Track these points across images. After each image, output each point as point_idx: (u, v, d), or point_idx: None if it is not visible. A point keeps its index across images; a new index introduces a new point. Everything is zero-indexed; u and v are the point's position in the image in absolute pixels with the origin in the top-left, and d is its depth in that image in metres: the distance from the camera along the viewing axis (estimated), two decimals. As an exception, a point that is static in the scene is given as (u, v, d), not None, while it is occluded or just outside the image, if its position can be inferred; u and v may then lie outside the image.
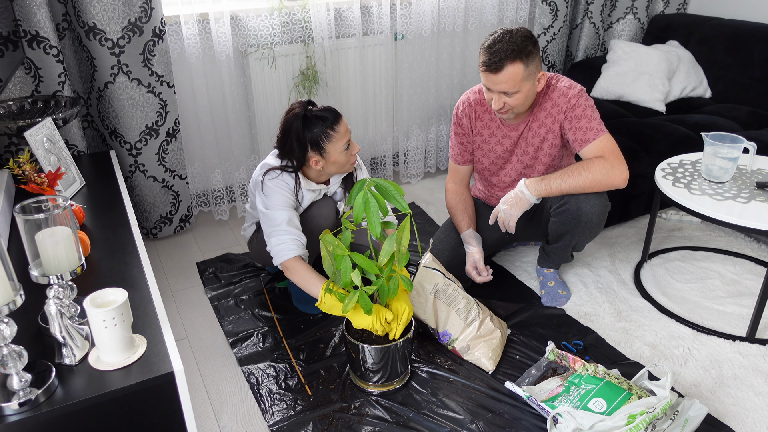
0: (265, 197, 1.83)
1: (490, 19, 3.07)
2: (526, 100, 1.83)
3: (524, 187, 1.87)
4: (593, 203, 1.87)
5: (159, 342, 1.21)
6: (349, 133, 1.84)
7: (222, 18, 2.40)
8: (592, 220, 1.90)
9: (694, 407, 1.51)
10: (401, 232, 1.50)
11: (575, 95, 1.85)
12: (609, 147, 1.84)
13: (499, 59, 1.73)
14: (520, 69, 1.74)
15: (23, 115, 2.03)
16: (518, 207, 1.87)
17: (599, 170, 1.81)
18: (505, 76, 1.75)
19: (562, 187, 1.83)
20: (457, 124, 2.08)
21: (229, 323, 2.03)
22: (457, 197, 2.14)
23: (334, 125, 1.79)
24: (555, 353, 1.76)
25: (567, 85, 1.88)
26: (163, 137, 2.39)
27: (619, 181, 1.82)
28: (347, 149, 1.83)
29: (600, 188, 1.83)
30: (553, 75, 1.92)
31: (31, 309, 1.32)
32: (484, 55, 1.77)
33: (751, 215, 1.78)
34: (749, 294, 2.15)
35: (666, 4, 3.48)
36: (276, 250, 1.79)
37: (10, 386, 1.05)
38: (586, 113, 1.85)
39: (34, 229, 1.10)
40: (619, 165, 1.82)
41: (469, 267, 2.04)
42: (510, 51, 1.73)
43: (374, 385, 1.70)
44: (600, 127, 1.85)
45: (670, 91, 3.01)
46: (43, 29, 2.02)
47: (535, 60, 1.77)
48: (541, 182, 1.85)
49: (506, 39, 1.74)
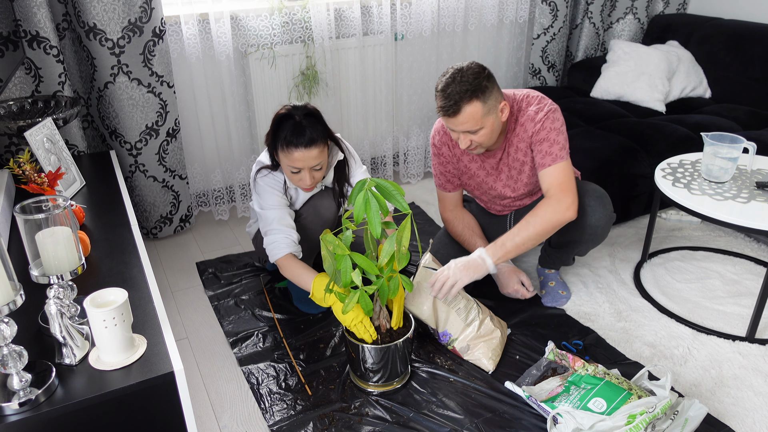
0: (257, 196, 1.88)
1: (490, 19, 3.07)
2: (493, 133, 1.78)
3: (485, 255, 1.77)
4: (599, 216, 1.86)
5: (159, 342, 1.21)
6: (306, 166, 1.76)
7: (222, 18, 2.40)
8: (597, 232, 1.90)
9: (693, 407, 1.51)
10: (401, 232, 1.50)
11: (541, 119, 1.80)
12: (558, 178, 1.78)
13: (455, 102, 1.69)
14: (478, 107, 1.70)
15: (23, 115, 2.03)
16: (471, 274, 1.76)
17: (546, 213, 1.76)
18: (465, 117, 1.71)
19: (517, 243, 1.77)
20: (437, 154, 2.03)
21: (229, 323, 2.03)
22: (459, 224, 2.10)
23: (290, 146, 1.73)
24: (555, 353, 1.76)
25: (535, 109, 1.82)
26: (163, 137, 2.39)
27: (568, 216, 1.77)
28: (297, 173, 1.80)
29: (553, 229, 1.78)
30: (523, 97, 1.85)
31: (31, 309, 1.32)
32: (440, 100, 1.72)
33: (751, 215, 1.78)
34: (749, 294, 2.15)
35: (666, 4, 3.48)
36: (269, 249, 1.84)
37: (10, 386, 1.05)
38: (550, 136, 1.79)
39: (34, 229, 1.10)
40: (564, 198, 1.76)
41: (516, 285, 2.03)
42: (464, 92, 1.68)
43: (374, 385, 1.70)
44: (559, 153, 1.79)
45: (669, 91, 3.01)
46: (44, 29, 2.02)
47: (492, 93, 1.72)
48: (499, 248, 1.78)
49: (458, 79, 1.69)
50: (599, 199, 1.88)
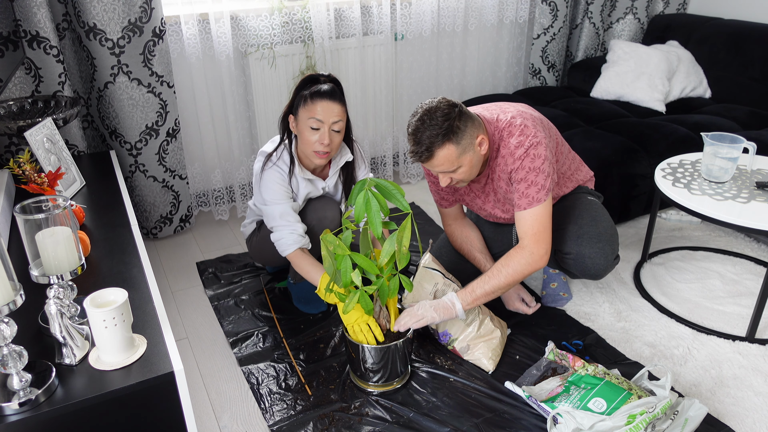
0: (262, 189, 1.86)
1: (490, 19, 3.07)
2: (472, 169, 1.71)
3: (456, 300, 1.72)
4: (599, 264, 1.81)
5: (159, 342, 1.21)
6: (327, 120, 1.75)
7: (222, 18, 2.40)
8: (597, 275, 1.87)
9: (693, 407, 1.51)
10: (402, 232, 1.50)
11: (521, 156, 1.69)
12: (533, 227, 1.71)
13: (427, 148, 1.61)
14: (451, 150, 1.62)
15: (23, 115, 2.03)
16: (440, 314, 1.71)
17: (519, 264, 1.72)
18: (439, 160, 1.64)
19: (487, 290, 1.72)
20: (428, 173, 1.97)
21: (229, 323, 2.03)
22: (459, 237, 2.07)
23: (315, 97, 1.74)
24: (555, 353, 1.76)
25: (515, 143, 1.71)
26: (163, 137, 2.39)
27: (540, 265, 1.73)
28: (315, 130, 1.77)
29: (523, 277, 1.75)
30: (506, 125, 1.73)
31: (31, 309, 1.32)
32: (411, 144, 1.65)
33: (751, 215, 1.78)
34: (749, 294, 2.15)
35: (666, 4, 3.48)
36: (278, 244, 1.86)
37: (11, 386, 1.05)
38: (528, 177, 1.69)
39: (34, 229, 1.10)
40: (536, 249, 1.71)
41: (517, 303, 2.03)
42: (435, 136, 1.60)
43: (374, 385, 1.70)
44: (536, 196, 1.69)
45: (669, 91, 3.01)
46: (44, 29, 2.02)
47: (465, 132, 1.63)
48: (468, 294, 1.73)
49: (427, 123, 1.60)
50: (601, 247, 1.81)
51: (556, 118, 2.69)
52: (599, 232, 1.83)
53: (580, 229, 1.84)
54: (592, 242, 1.81)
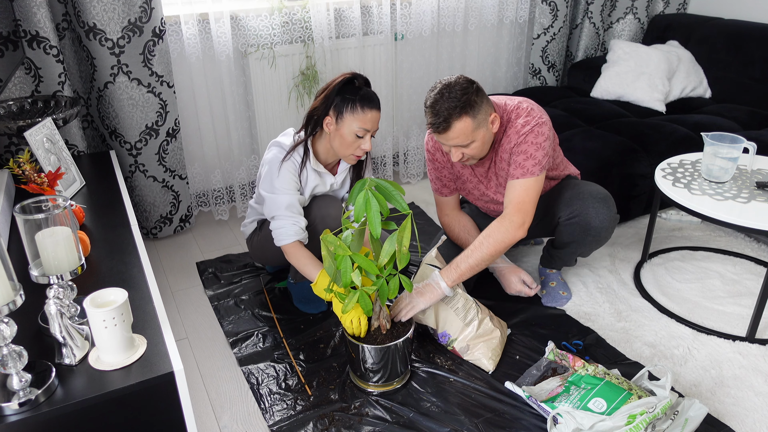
0: (274, 177, 1.83)
1: (490, 19, 3.07)
2: (484, 146, 1.78)
3: (439, 279, 1.76)
4: (603, 218, 1.87)
5: (159, 342, 1.21)
6: (373, 129, 1.80)
7: (222, 18, 2.40)
8: (601, 234, 1.91)
9: (694, 407, 1.51)
10: (402, 233, 1.50)
11: (526, 132, 1.77)
12: (520, 196, 1.77)
13: (444, 119, 1.68)
14: (468, 123, 1.69)
15: (23, 115, 2.03)
16: (426, 299, 1.75)
17: (498, 233, 1.75)
18: (455, 132, 1.70)
19: (471, 264, 1.75)
20: (431, 160, 2.03)
21: (229, 323, 2.03)
22: (456, 227, 2.09)
23: (365, 107, 1.75)
24: (555, 353, 1.76)
25: (523, 121, 1.79)
26: (163, 137, 2.39)
27: (518, 235, 1.76)
28: (360, 138, 1.80)
29: (505, 249, 1.77)
30: (514, 108, 1.82)
31: (31, 309, 1.32)
32: (429, 116, 1.71)
33: (751, 215, 1.78)
34: (749, 294, 2.15)
35: (666, 4, 3.48)
36: (276, 233, 1.84)
37: (10, 386, 1.05)
38: (528, 150, 1.77)
39: (34, 229, 1.10)
40: (516, 218, 1.75)
41: (519, 285, 2.04)
42: (453, 108, 1.66)
43: (374, 385, 1.70)
44: (531, 168, 1.76)
45: (670, 91, 3.01)
46: (43, 29, 2.02)
47: (481, 107, 1.70)
48: (453, 270, 1.76)
49: (446, 96, 1.67)
50: (602, 201, 1.88)
51: (556, 118, 2.69)
52: (596, 191, 1.91)
53: (579, 191, 1.93)
54: (592, 199, 1.89)
